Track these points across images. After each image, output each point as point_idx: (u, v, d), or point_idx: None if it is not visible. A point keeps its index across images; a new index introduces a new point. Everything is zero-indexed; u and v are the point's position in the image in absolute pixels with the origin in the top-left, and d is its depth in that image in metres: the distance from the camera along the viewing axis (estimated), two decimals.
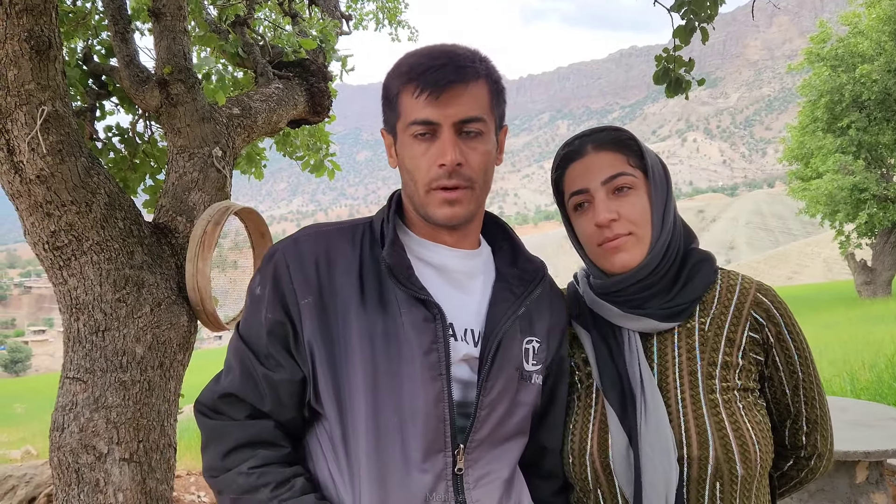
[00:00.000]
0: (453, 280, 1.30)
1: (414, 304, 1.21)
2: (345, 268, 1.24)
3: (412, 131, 1.22)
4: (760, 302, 1.39)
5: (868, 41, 22.37)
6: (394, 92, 1.26)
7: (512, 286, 1.31)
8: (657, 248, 1.37)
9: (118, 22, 2.71)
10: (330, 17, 4.26)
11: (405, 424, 1.18)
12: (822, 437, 1.45)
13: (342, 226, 1.32)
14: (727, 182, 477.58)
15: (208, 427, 1.26)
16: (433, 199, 1.22)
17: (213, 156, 2.69)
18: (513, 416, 1.28)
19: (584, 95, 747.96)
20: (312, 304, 1.21)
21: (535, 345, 1.32)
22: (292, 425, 1.27)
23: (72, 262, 2.28)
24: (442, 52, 1.23)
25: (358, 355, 1.19)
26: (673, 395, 1.33)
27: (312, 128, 4.09)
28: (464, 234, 1.31)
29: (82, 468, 2.24)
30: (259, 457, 1.20)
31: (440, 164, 1.20)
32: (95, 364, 2.29)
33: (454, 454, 1.20)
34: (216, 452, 1.23)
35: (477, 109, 1.22)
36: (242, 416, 1.24)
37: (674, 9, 3.24)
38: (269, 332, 1.23)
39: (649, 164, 1.40)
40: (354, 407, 1.18)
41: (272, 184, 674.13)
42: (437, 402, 1.19)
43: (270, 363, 1.23)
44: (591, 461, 1.35)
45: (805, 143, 24.20)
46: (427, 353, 1.19)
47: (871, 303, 20.96)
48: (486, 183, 1.27)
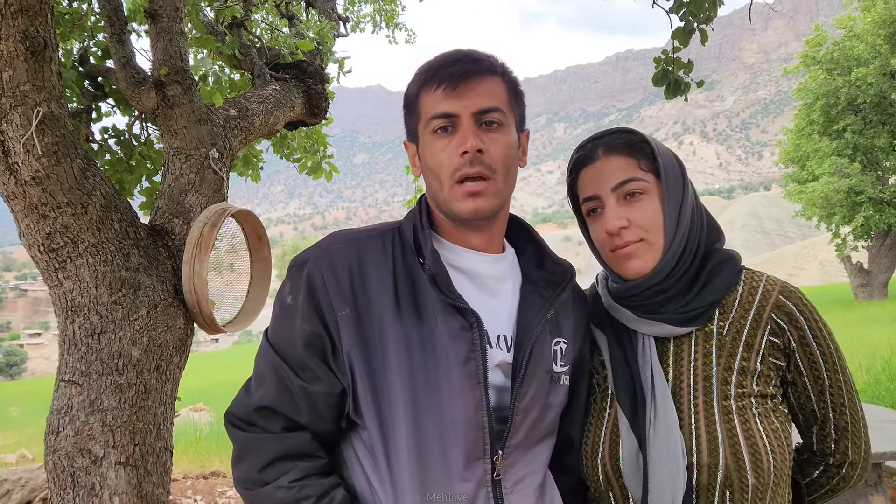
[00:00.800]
0: (484, 285, 1.30)
1: (450, 312, 1.21)
2: (378, 276, 1.23)
3: (432, 126, 1.23)
4: (782, 305, 1.34)
5: (863, 45, 22.46)
6: (413, 95, 1.28)
7: (540, 289, 1.31)
8: (671, 253, 1.35)
9: (114, 23, 2.70)
10: (327, 19, 4.25)
11: (445, 434, 1.18)
12: (853, 444, 1.39)
13: (372, 232, 1.31)
14: (724, 185, 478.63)
15: (242, 440, 1.25)
16: (457, 194, 1.22)
17: (209, 158, 2.67)
18: (545, 418, 1.29)
19: (581, 98, 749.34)
20: (349, 315, 1.21)
21: (562, 346, 1.33)
22: (328, 436, 1.27)
23: (67, 264, 2.27)
24: (457, 51, 1.26)
25: (395, 366, 1.19)
26: (686, 400, 1.31)
27: (309, 130, 4.08)
28: (490, 236, 1.31)
29: (77, 472, 2.22)
30: (298, 469, 1.20)
31: (462, 153, 1.20)
32: (91, 367, 2.28)
33: (493, 460, 1.21)
34: (252, 465, 1.22)
35: (494, 100, 1.23)
36: (279, 428, 1.23)
37: (673, 10, 3.24)
38: (305, 344, 1.22)
39: (662, 166, 1.37)
40: (395, 418, 1.18)
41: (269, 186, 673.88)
42: (476, 410, 1.19)
43: (307, 375, 1.22)
44: (602, 465, 1.34)
45: (801, 146, 24.28)
46: (465, 362, 1.19)
47: (867, 305, 21.01)
48: (508, 176, 1.26)
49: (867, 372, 7.76)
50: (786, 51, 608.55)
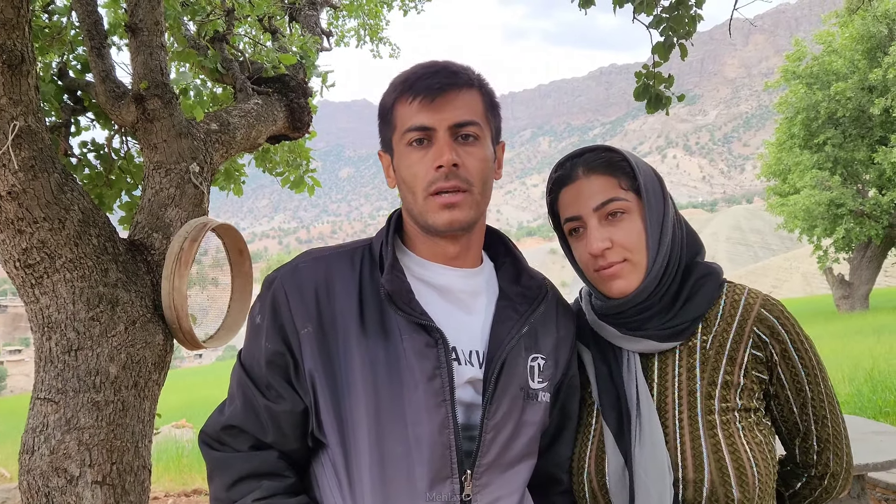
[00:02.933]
0: (456, 301, 1.28)
1: (415, 329, 1.19)
2: (344, 294, 1.23)
3: (408, 139, 1.22)
4: (764, 318, 1.34)
5: (842, 59, 22.82)
6: (388, 105, 1.26)
7: (515, 304, 1.29)
8: (654, 272, 1.34)
9: (94, 37, 2.68)
10: (310, 33, 4.25)
11: (410, 453, 1.16)
12: (835, 456, 1.40)
13: (341, 250, 1.31)
14: (707, 198, 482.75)
15: (212, 458, 1.26)
16: (432, 205, 1.21)
17: (190, 172, 2.65)
18: (519, 437, 1.25)
19: (565, 112, 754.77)
20: (312, 333, 1.20)
21: (540, 362, 1.30)
22: (297, 455, 1.26)
23: (44, 280, 2.23)
24: (434, 63, 1.25)
25: (360, 384, 1.17)
26: (671, 415, 1.31)
27: (292, 144, 4.07)
28: (465, 248, 1.29)
29: (53, 492, 2.18)
30: (264, 488, 1.19)
31: (437, 167, 1.19)
32: (68, 384, 2.24)
33: (461, 480, 1.18)
34: (221, 484, 1.22)
35: (471, 114, 1.22)
36: (246, 447, 1.24)
37: (652, 25, 3.27)
38: (268, 363, 1.22)
39: (642, 184, 1.37)
40: (358, 436, 1.17)
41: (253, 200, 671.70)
42: (441, 428, 1.17)
43: (271, 394, 1.22)
44: (588, 481, 1.34)
45: (782, 160, 24.57)
46: (430, 379, 1.18)
47: (849, 317, 21.21)
48: (484, 190, 1.25)
49: (850, 383, 7.81)
50: (766, 65, 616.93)
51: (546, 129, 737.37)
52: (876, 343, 11.62)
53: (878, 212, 22.05)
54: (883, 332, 14.13)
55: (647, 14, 3.27)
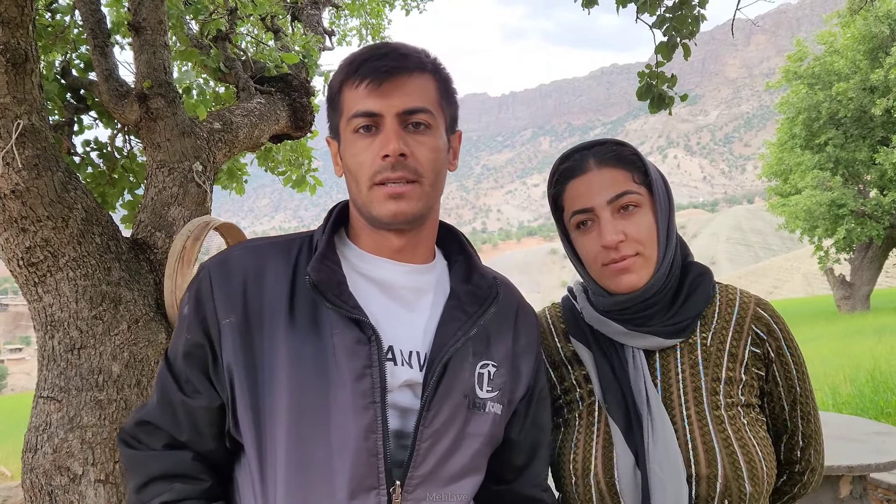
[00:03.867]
0: (398, 297, 1.18)
1: (347, 324, 1.09)
2: (275, 284, 1.13)
3: (354, 125, 1.13)
4: (761, 316, 1.37)
5: (843, 60, 22.80)
6: (336, 89, 1.17)
7: (464, 304, 1.19)
8: (663, 267, 1.34)
9: (97, 36, 2.68)
10: (312, 32, 4.25)
11: (332, 458, 1.06)
12: (815, 451, 1.43)
13: (279, 240, 1.22)
14: (707, 198, 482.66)
15: (126, 456, 1.17)
16: (377, 195, 1.11)
17: (193, 171, 2.65)
18: (460, 448, 1.14)
19: (566, 112, 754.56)
20: (235, 324, 1.10)
21: (490, 369, 1.19)
22: (215, 456, 1.16)
23: (47, 278, 2.23)
24: (384, 45, 1.16)
25: (283, 380, 1.07)
26: (678, 412, 1.30)
27: (294, 143, 4.07)
28: (413, 243, 1.20)
29: (56, 490, 2.18)
30: (175, 491, 1.11)
31: (383, 156, 1.09)
32: (70, 383, 2.24)
33: (389, 492, 1.07)
34: (133, 484, 1.15)
35: (422, 100, 1.13)
36: (160, 445, 1.15)
37: (656, 25, 3.26)
38: (185, 354, 1.14)
39: (654, 180, 1.36)
40: (276, 437, 1.07)
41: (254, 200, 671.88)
42: (368, 433, 1.06)
43: (188, 388, 1.14)
44: (595, 482, 1.30)
45: (784, 160, 24.54)
46: (359, 378, 1.07)
47: (850, 317, 21.18)
48: (435, 181, 1.15)
49: (851, 384, 7.80)
50: (768, 66, 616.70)
51: (547, 129, 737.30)
52: (877, 343, 11.61)
53: (880, 212, 22.03)
54: (884, 332, 14.12)
55: (651, 14, 3.27)
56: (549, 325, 1.49)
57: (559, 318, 1.49)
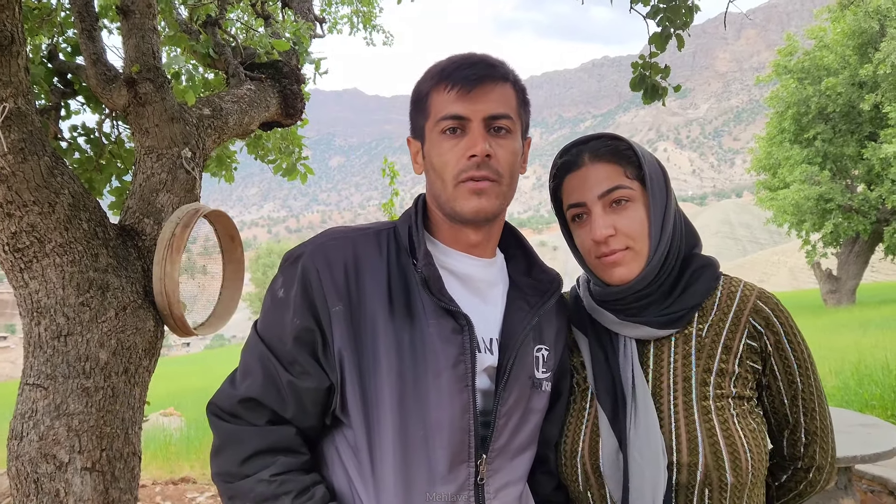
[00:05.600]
0: (475, 289, 1.31)
1: (442, 314, 1.22)
2: (373, 275, 1.24)
3: (442, 127, 1.23)
4: (760, 310, 1.37)
5: (833, 55, 22.91)
6: (424, 93, 1.28)
7: (527, 296, 1.33)
8: (655, 261, 1.36)
9: (85, 19, 2.64)
10: (303, 19, 4.21)
11: (431, 436, 1.19)
12: (821, 449, 1.42)
13: (366, 230, 1.32)
14: (697, 192, 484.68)
15: (225, 431, 1.24)
16: (461, 192, 1.23)
17: (182, 157, 2.62)
18: (526, 424, 1.30)
19: (557, 104, 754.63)
20: (342, 312, 1.21)
21: (544, 352, 1.34)
22: (312, 432, 1.27)
23: (33, 264, 2.21)
24: (472, 55, 1.27)
25: (385, 366, 1.19)
26: (666, 400, 1.33)
27: (284, 131, 4.04)
28: (486, 238, 1.32)
29: (42, 478, 2.16)
30: (279, 464, 1.19)
31: (470, 156, 1.21)
32: (57, 370, 2.22)
33: (477, 464, 1.22)
34: (233, 458, 1.21)
35: (506, 107, 1.25)
36: (263, 421, 1.23)
37: (650, 15, 3.26)
38: (295, 339, 1.22)
39: (647, 174, 1.38)
40: (381, 419, 1.19)
41: (243, 189, 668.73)
42: (462, 413, 1.20)
43: (296, 370, 1.22)
44: (581, 463, 1.35)
45: (772, 154, 24.68)
46: (455, 365, 1.20)
47: (836, 311, 21.38)
48: (511, 182, 1.27)
49: (836, 376, 7.88)
50: (758, 60, 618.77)
51: (538, 121, 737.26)
52: (862, 337, 11.74)
53: (867, 207, 22.21)
54: (869, 326, 14.27)
55: (644, 4, 3.26)
56: None
57: None
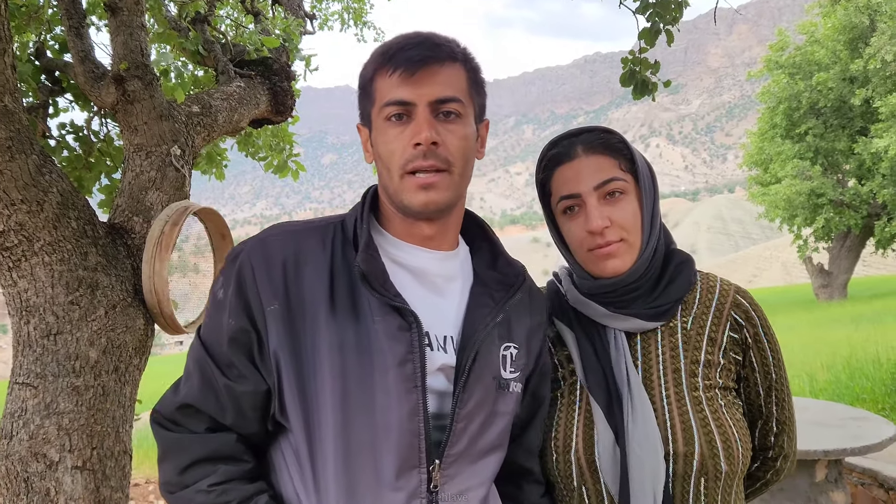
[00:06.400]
0: (431, 284, 1.23)
1: (388, 311, 1.14)
2: (314, 271, 1.16)
3: (386, 113, 1.15)
4: (740, 303, 1.41)
5: (824, 50, 22.99)
6: (368, 77, 1.19)
7: (491, 290, 1.25)
8: (646, 253, 1.37)
9: (72, 16, 2.62)
10: (293, 16, 4.20)
11: (377, 440, 1.11)
12: (788, 438, 1.47)
13: (312, 225, 1.24)
14: (689, 187, 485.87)
15: (166, 439, 1.19)
16: (408, 185, 1.15)
17: (171, 154, 2.61)
18: (490, 427, 1.21)
19: (549, 100, 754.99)
20: (279, 311, 1.13)
21: (512, 351, 1.26)
22: (255, 438, 1.20)
23: (22, 263, 2.20)
24: (418, 34, 1.18)
25: (327, 366, 1.11)
26: (658, 392, 1.34)
27: (275, 128, 4.03)
28: (443, 231, 1.23)
29: (32, 477, 2.15)
30: (220, 473, 1.13)
31: (415, 144, 1.13)
32: (47, 369, 2.21)
33: (429, 470, 1.14)
34: (174, 467, 1.16)
35: (453, 90, 1.16)
36: (202, 428, 1.17)
37: (639, 11, 3.26)
38: (230, 340, 1.15)
39: (640, 168, 1.39)
40: (322, 421, 1.11)
41: (235, 187, 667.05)
42: (411, 415, 1.12)
43: (232, 373, 1.15)
44: (576, 458, 1.34)
45: (764, 149, 24.75)
46: (402, 363, 1.12)
47: (827, 305, 21.48)
48: (464, 170, 1.19)
49: (828, 370, 7.91)
50: (749, 55, 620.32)
51: (530, 117, 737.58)
52: (854, 331, 11.78)
53: (858, 202, 22.32)
54: (860, 320, 14.33)
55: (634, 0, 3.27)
56: None
57: None
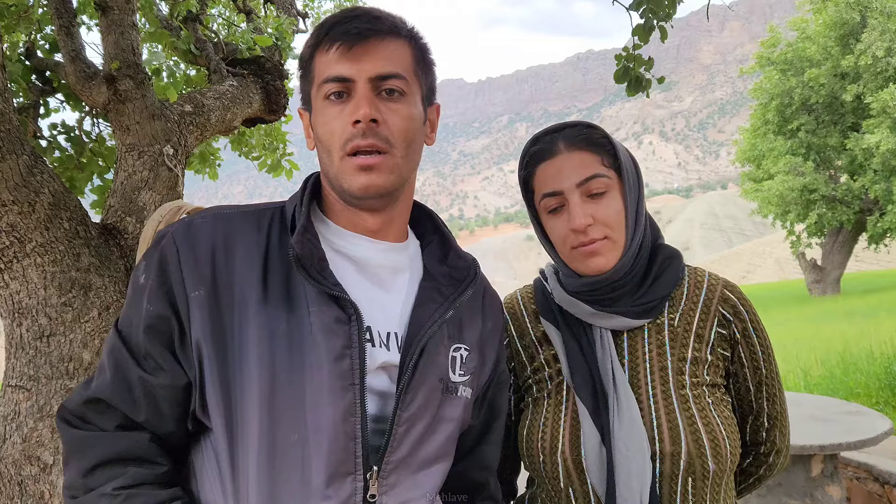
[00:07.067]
0: (374, 276, 1.13)
1: (325, 301, 1.03)
2: (246, 257, 1.06)
3: (325, 91, 1.07)
4: (727, 298, 1.39)
5: (815, 46, 23.07)
6: (307, 56, 1.11)
7: (441, 286, 1.16)
8: (631, 250, 1.35)
9: (63, 15, 2.61)
10: (286, 14, 4.18)
11: (307, 442, 1.00)
12: (780, 433, 1.45)
13: (248, 209, 1.14)
14: (682, 184, 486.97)
15: (71, 437, 1.06)
16: (347, 167, 1.05)
17: (163, 154, 2.60)
18: (435, 433, 1.11)
19: (543, 98, 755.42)
20: (204, 298, 1.02)
21: (463, 353, 1.16)
22: (173, 439, 1.08)
23: (14, 264, 2.18)
24: (357, 7, 1.11)
25: (254, 359, 1.00)
26: (644, 391, 1.32)
27: (268, 127, 4.02)
28: (387, 220, 1.14)
29: (25, 480, 2.14)
30: (129, 475, 1.01)
31: (354, 122, 1.04)
32: (40, 371, 2.19)
33: (366, 478, 1.03)
34: (78, 468, 1.03)
35: (396, 66, 1.07)
36: (112, 425, 1.05)
37: (632, 7, 3.26)
38: (147, 328, 1.04)
39: (623, 164, 1.36)
40: (246, 420, 1.00)
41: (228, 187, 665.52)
42: (346, 416, 1.01)
43: (149, 365, 1.04)
44: (562, 459, 1.32)
45: (757, 146, 24.83)
46: (338, 359, 1.02)
47: (821, 300, 21.57)
48: (408, 152, 1.09)
49: (822, 365, 7.94)
50: (741, 52, 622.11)
51: (523, 115, 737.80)
52: (847, 326, 11.83)
53: (850, 197, 22.40)
54: (854, 315, 14.40)
55: None
56: (520, 306, 1.51)
57: (530, 300, 1.50)
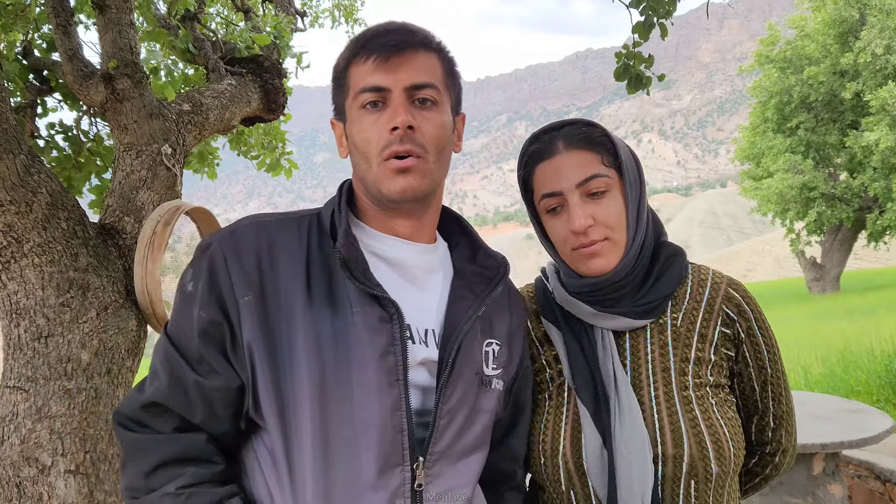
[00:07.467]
0: (410, 276, 1.19)
1: (368, 301, 1.09)
2: (290, 262, 1.12)
3: (361, 101, 1.13)
4: (731, 297, 1.36)
5: (814, 44, 23.06)
6: (342, 67, 1.17)
7: (472, 284, 1.22)
8: (632, 250, 1.32)
9: (60, 14, 2.59)
10: (284, 13, 4.17)
11: (357, 437, 1.06)
12: (786, 432, 1.43)
13: (286, 216, 1.20)
14: (681, 182, 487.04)
15: (129, 441, 1.12)
16: (385, 171, 1.11)
17: (162, 153, 2.59)
18: (473, 424, 1.18)
19: (541, 97, 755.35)
20: (253, 302, 1.08)
21: (494, 347, 1.23)
22: (227, 439, 1.14)
23: (11, 265, 2.17)
24: (391, 22, 1.18)
25: (304, 360, 1.06)
26: (646, 392, 1.30)
27: (267, 126, 4.00)
28: (420, 223, 1.21)
29: (24, 482, 2.13)
30: (189, 475, 1.07)
31: (392, 129, 1.10)
32: (38, 372, 2.18)
33: (413, 468, 1.09)
34: (138, 470, 1.09)
35: (429, 76, 1.14)
36: (169, 428, 1.11)
37: (632, 5, 3.25)
38: (201, 333, 1.09)
39: (624, 162, 1.33)
40: (299, 418, 1.06)
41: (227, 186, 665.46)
42: (393, 410, 1.07)
43: (203, 368, 1.10)
44: (563, 462, 1.30)
45: (756, 144, 24.83)
46: (383, 356, 1.08)
47: (820, 298, 21.57)
48: (440, 158, 1.16)
49: (822, 363, 7.93)
50: (740, 50, 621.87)
51: (522, 114, 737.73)
52: (847, 324, 11.84)
53: (849, 195, 22.41)
54: (854, 313, 14.40)
55: None
56: None
57: (532, 299, 1.48)
